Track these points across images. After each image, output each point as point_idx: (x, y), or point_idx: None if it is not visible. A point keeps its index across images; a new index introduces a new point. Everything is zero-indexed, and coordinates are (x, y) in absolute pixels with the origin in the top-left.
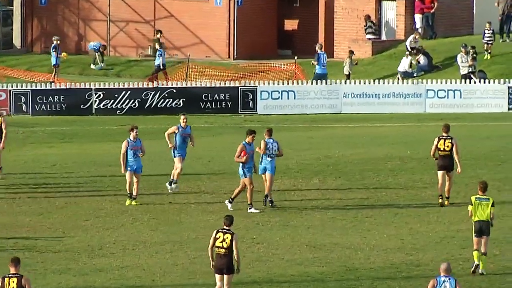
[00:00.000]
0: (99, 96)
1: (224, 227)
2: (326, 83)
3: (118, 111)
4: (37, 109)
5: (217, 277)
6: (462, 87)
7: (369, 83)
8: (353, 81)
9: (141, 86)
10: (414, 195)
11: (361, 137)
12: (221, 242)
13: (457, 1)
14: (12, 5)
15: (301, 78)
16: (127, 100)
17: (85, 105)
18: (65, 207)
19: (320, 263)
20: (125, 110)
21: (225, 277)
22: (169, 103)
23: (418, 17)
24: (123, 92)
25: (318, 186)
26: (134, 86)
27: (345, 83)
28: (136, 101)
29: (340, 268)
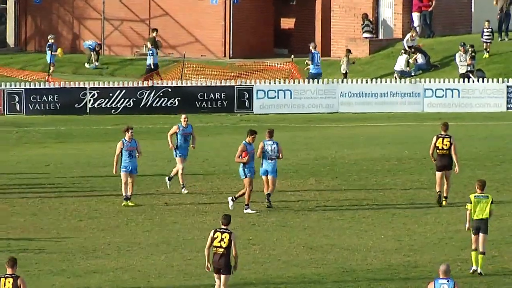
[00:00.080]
0: (94, 95)
1: (222, 227)
2: (323, 82)
3: (113, 111)
4: (31, 109)
5: (216, 276)
6: (461, 87)
7: (367, 82)
8: (350, 80)
9: (136, 85)
10: (412, 196)
11: (358, 137)
12: (219, 242)
13: None
14: (6, 3)
15: (298, 77)
16: (122, 99)
17: (80, 105)
18: (59, 208)
19: (317, 265)
20: (120, 110)
21: (222, 277)
22: (164, 103)
23: (416, 16)
24: (118, 91)
25: (315, 187)
26: (129, 85)
27: (342, 82)
28: (131, 101)
29: (337, 270)
